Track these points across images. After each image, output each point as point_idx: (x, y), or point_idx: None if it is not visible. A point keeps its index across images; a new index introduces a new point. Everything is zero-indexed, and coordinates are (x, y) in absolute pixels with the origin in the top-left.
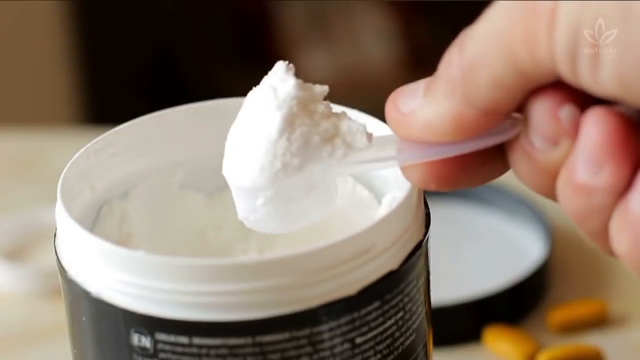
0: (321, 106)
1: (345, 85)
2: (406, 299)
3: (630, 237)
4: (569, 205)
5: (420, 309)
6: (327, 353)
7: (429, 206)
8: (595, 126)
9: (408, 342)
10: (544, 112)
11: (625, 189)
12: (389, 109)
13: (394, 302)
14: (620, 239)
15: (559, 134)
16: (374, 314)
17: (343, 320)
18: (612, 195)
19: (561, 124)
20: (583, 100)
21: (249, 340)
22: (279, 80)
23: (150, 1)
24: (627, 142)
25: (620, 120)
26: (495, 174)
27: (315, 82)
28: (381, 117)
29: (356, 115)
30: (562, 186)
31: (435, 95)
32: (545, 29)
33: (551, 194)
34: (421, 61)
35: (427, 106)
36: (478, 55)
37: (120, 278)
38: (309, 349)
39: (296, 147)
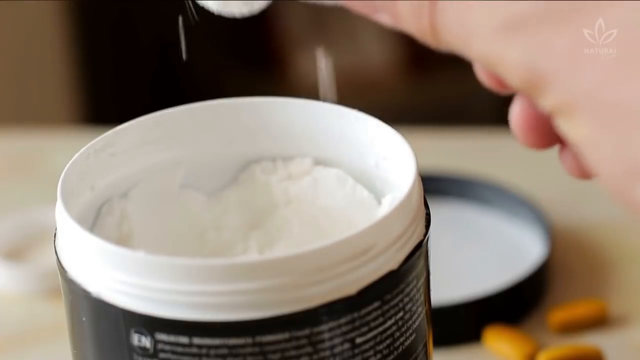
0: None
1: (345, 86)
2: (406, 299)
3: None
4: None
5: (420, 309)
6: (327, 353)
7: (429, 206)
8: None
9: (408, 342)
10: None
11: None
12: None
13: (394, 302)
14: None
15: None
16: (374, 314)
17: (343, 320)
18: None
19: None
20: None
21: (249, 340)
22: None
23: (151, 2)
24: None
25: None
26: None
27: (315, 82)
28: (381, 117)
29: (357, 116)
30: None
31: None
32: None
33: None
34: (421, 61)
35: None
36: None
37: (120, 278)
38: (309, 349)
39: None
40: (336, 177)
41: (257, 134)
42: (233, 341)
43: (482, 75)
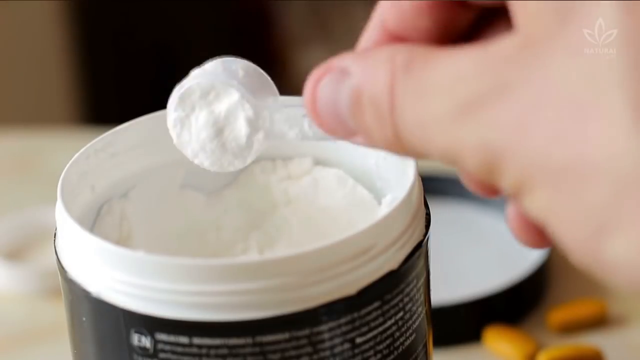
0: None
1: None
2: (406, 299)
3: None
4: None
5: (420, 309)
6: (327, 353)
7: (429, 206)
8: None
9: (408, 342)
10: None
11: None
12: (312, 108)
13: (394, 302)
14: None
15: None
16: (374, 314)
17: (343, 320)
18: None
19: None
20: None
21: (249, 340)
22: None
23: (150, 1)
24: None
25: None
26: None
27: None
28: None
29: None
30: None
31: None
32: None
33: None
34: None
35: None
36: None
37: (120, 278)
38: (309, 349)
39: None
40: (336, 177)
41: None
42: (233, 341)
43: (468, 183)
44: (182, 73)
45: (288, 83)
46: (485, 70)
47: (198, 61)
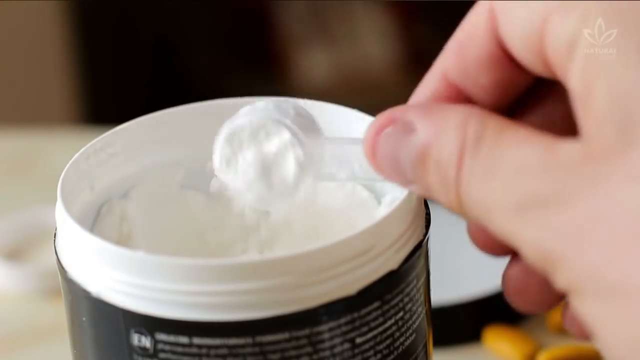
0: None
1: (345, 85)
2: (406, 299)
3: None
4: None
5: (420, 309)
6: (327, 353)
7: (429, 206)
8: None
9: (408, 342)
10: None
11: None
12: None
13: (394, 302)
14: None
15: None
16: (374, 314)
17: (343, 320)
18: None
19: None
20: None
21: (249, 340)
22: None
23: (150, 1)
24: None
25: None
26: None
27: (315, 82)
28: None
29: (357, 116)
30: None
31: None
32: None
33: None
34: (421, 61)
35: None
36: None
37: (120, 278)
38: (309, 349)
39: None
40: None
41: None
42: (233, 341)
43: (474, 238)
44: (181, 74)
45: (288, 83)
46: (550, 173)
47: (198, 62)
